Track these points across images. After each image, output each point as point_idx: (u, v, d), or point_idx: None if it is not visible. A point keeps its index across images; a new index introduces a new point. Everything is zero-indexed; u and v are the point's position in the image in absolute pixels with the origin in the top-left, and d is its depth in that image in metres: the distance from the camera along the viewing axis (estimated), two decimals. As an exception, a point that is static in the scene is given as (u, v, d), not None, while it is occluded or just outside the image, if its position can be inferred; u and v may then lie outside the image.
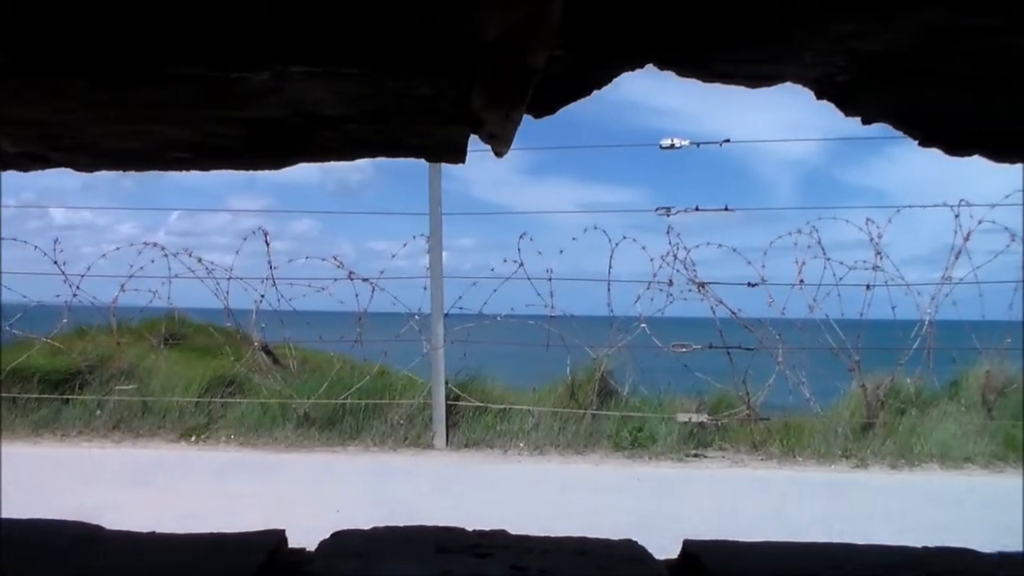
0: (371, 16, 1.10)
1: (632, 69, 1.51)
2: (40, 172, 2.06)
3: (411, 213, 12.60)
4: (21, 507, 2.30)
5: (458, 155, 1.90)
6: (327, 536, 2.03)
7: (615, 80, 1.57)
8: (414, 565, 1.81)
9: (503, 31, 1.12)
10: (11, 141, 1.76)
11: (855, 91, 1.50)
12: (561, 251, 12.32)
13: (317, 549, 1.94)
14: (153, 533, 2.04)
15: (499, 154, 1.84)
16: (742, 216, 11.88)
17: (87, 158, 1.93)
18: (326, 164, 2.01)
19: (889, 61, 1.37)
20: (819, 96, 1.54)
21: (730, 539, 2.08)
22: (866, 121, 1.65)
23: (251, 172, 2.10)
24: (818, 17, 1.22)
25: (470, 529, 2.09)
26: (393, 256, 12.42)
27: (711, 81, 1.46)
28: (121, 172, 2.10)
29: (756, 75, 1.45)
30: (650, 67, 1.46)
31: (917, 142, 1.74)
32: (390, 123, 1.60)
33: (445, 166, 11.71)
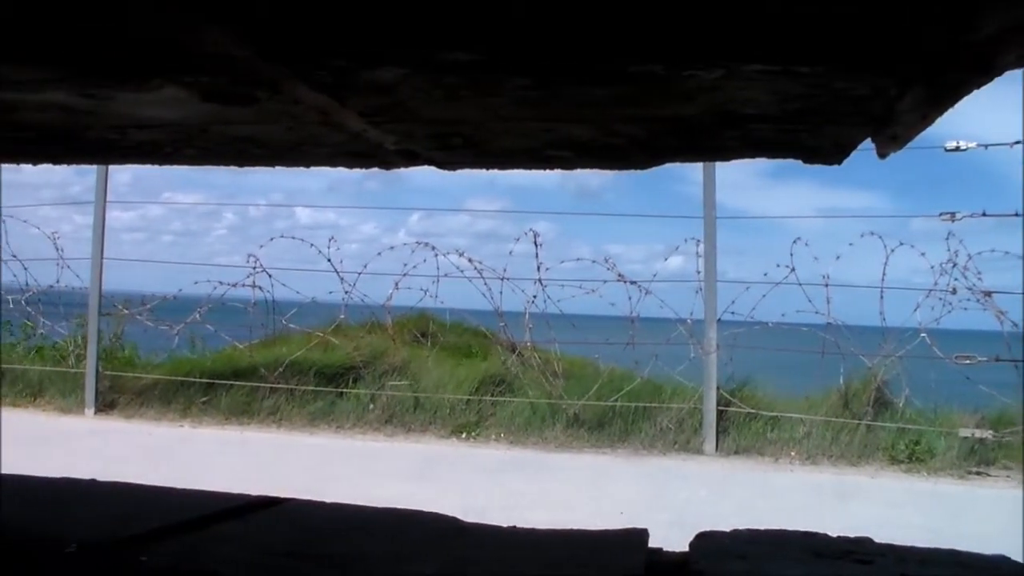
0: (853, 15, 1.06)
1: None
2: (292, 175, 2.09)
3: (649, 215, 12.56)
4: (322, 495, 2.34)
5: (842, 156, 1.85)
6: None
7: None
8: (801, 568, 1.76)
9: (998, 29, 1.06)
10: (396, 139, 1.77)
11: None
12: (838, 257, 12.06)
13: (691, 550, 1.90)
14: (513, 527, 2.05)
15: (883, 155, 1.77)
16: (992, 222, 11.29)
17: (466, 156, 1.94)
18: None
19: None
20: None
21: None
22: None
23: (498, 173, 2.09)
24: None
25: (833, 535, 2.03)
26: (666, 259, 12.44)
27: None
28: (485, 170, 2.12)
29: None
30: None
31: None
32: (801, 124, 1.56)
33: (687, 171, 11.61)
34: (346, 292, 13.64)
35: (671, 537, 1.93)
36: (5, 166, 2.34)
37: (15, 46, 1.25)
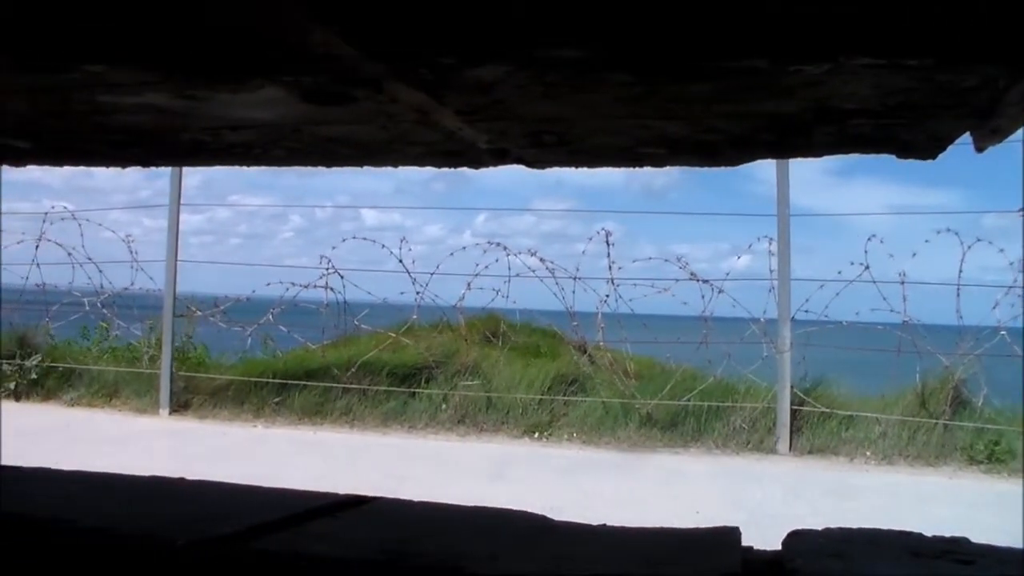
0: (961, 4, 1.04)
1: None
2: (357, 177, 2.07)
3: (720, 214, 12.47)
4: (399, 495, 2.34)
5: (938, 151, 1.81)
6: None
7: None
8: (899, 568, 1.72)
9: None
10: (489, 137, 1.76)
11: None
12: (914, 254, 11.94)
13: (784, 548, 1.88)
14: (603, 526, 2.03)
15: (981, 149, 1.74)
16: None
17: (559, 154, 1.93)
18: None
19: None
20: None
21: None
22: None
23: (565, 173, 2.07)
24: None
25: (928, 535, 1.99)
26: (738, 258, 12.40)
27: None
28: (574, 168, 2.10)
29: None
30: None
31: None
32: (900, 118, 1.53)
33: (751, 169, 11.50)
34: (417, 293, 13.72)
35: (749, 537, 1.91)
36: (77, 169, 2.37)
37: (115, 47, 1.25)
